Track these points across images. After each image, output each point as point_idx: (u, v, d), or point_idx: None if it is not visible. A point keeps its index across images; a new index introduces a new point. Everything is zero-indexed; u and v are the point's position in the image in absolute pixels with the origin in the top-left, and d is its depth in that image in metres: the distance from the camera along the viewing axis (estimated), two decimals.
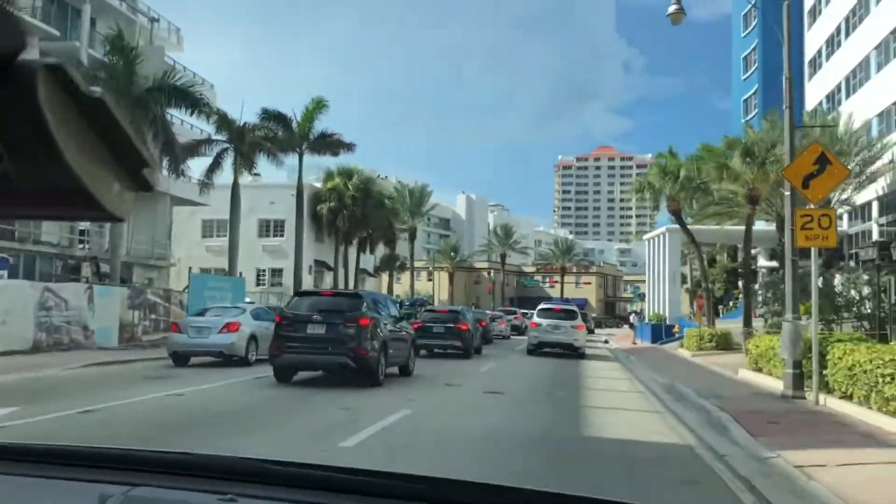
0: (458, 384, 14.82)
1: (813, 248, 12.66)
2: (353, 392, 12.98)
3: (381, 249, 71.71)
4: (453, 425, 9.35)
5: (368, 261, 62.19)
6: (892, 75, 32.60)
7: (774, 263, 48.30)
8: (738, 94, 55.23)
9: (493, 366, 20.97)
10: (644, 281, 55.10)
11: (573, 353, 26.60)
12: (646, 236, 46.58)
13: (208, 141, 33.67)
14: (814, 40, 43.96)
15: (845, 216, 36.58)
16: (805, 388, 12.81)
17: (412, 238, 69.31)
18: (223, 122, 32.37)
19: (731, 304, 48.02)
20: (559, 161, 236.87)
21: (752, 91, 51.41)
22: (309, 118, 38.65)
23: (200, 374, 15.39)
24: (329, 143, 39.31)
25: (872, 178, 31.03)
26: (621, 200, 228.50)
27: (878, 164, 31.38)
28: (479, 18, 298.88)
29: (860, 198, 33.55)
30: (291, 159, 39.61)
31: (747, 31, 53.72)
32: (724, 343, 26.36)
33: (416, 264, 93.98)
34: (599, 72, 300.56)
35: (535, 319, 27.45)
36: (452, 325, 24.68)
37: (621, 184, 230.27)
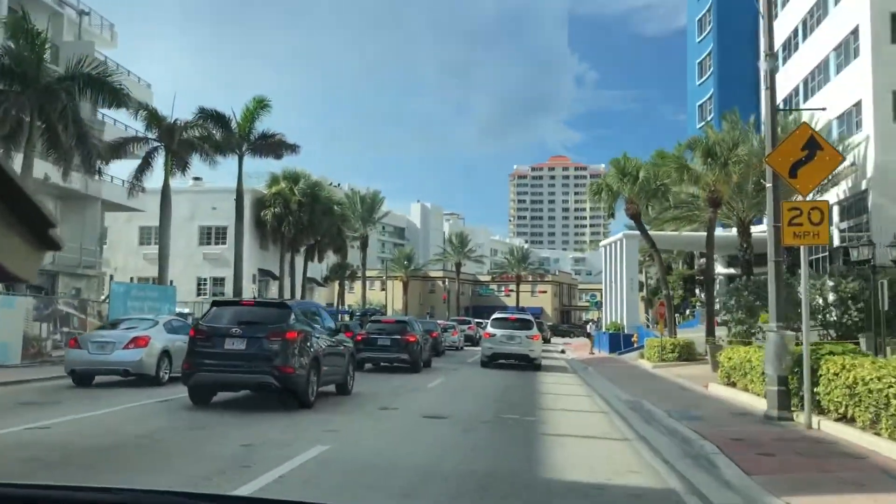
0: (396, 407, 12.86)
1: (802, 248, 11.08)
2: (269, 419, 10.95)
3: (331, 258, 69.44)
4: (375, 467, 7.38)
5: (317, 270, 59.84)
6: (852, 77, 31.83)
7: (732, 270, 47.50)
8: (693, 100, 54.61)
9: (442, 381, 19.06)
10: (600, 289, 53.99)
11: (529, 364, 24.94)
12: (602, 243, 45.30)
13: (136, 139, 31.18)
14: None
15: None
16: (792, 408, 11.21)
17: (364, 246, 67.13)
18: (152, 118, 29.95)
19: (688, 312, 47.04)
20: (514, 171, 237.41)
21: (707, 96, 50.70)
22: (249, 118, 36.34)
23: (97, 398, 13.15)
24: (271, 145, 37.04)
25: (835, 181, 30.07)
26: (576, 210, 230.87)
27: (840, 167, 30.45)
28: (433, 31, 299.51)
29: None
30: (233, 162, 37.26)
31: (702, 36, 53.14)
32: (687, 354, 24.92)
33: (370, 273, 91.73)
34: (552, 85, 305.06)
35: (489, 329, 25.71)
36: (399, 337, 22.74)
37: (576, 193, 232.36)
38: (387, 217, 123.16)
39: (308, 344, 13.09)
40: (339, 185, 74.73)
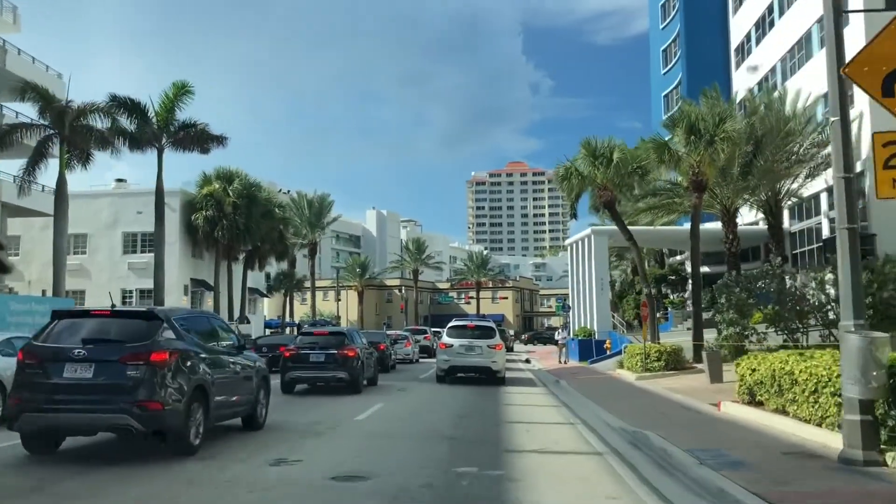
0: (300, 458, 8.83)
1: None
2: (122, 476, 6.90)
3: (278, 266, 64.89)
4: None
5: (261, 279, 55.26)
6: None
7: (707, 269, 44.46)
8: (657, 91, 51.62)
9: (381, 407, 15.08)
10: (565, 293, 50.60)
11: (492, 378, 21.19)
12: (567, 241, 41.82)
13: (23, 126, 26.65)
14: (740, 25, 40.48)
15: (785, 212, 32.65)
16: (883, 447, 7.53)
17: (313, 253, 62.80)
18: (43, 101, 25.49)
19: (659, 314, 43.78)
20: (472, 177, 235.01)
21: (673, 84, 47.73)
22: (169, 107, 32.03)
23: None
24: (194, 136, 32.72)
25: (828, 164, 26.88)
26: (535, 215, 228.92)
27: (829, 148, 27.37)
28: (390, 43, 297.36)
29: (808, 188, 29.53)
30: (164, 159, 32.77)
31: (667, 22, 50.24)
32: (675, 362, 21.34)
33: (323, 284, 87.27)
34: (508, 93, 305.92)
35: (445, 339, 21.85)
36: (335, 352, 18.71)
37: (534, 199, 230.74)
38: (341, 225, 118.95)
39: (186, 368, 9.15)
40: (287, 191, 70.15)
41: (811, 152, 26.30)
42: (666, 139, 23.30)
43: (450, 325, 22.57)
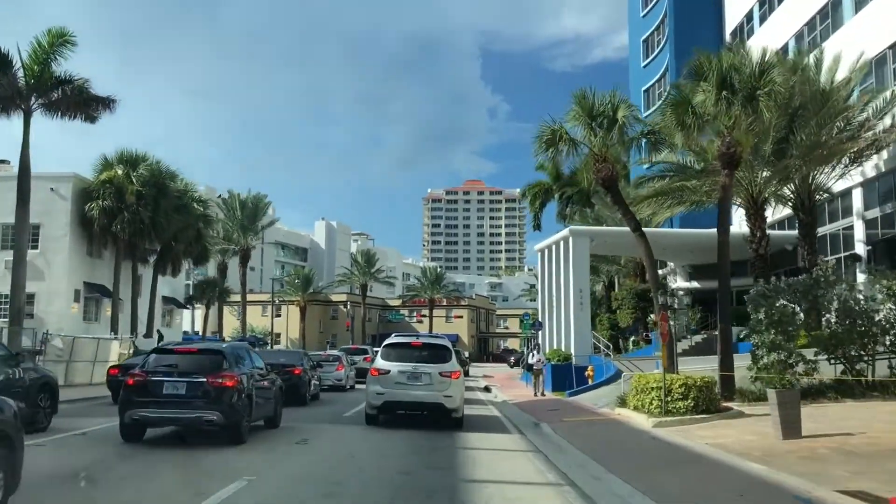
0: None
1: None
2: None
3: (203, 272, 57.41)
4: None
5: (179, 287, 47.72)
6: (883, 13, 23.35)
7: (696, 284, 38.66)
8: (636, 86, 46.09)
9: (246, 486, 8.33)
10: (523, 312, 44.29)
11: (444, 419, 14.73)
12: (538, 246, 35.58)
13: None
14: (738, 4, 35.10)
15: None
16: None
17: (245, 260, 55.44)
18: None
19: (641, 335, 37.72)
20: (428, 194, 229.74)
21: (657, 76, 42.22)
22: (41, 59, 24.97)
23: None
24: (73, 97, 25.62)
25: (878, 146, 21.00)
26: (491, 235, 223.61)
27: (877, 129, 21.64)
28: (346, 65, 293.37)
29: (839, 183, 23.76)
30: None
31: (648, 9, 44.86)
32: (707, 401, 15.00)
33: (262, 298, 79.59)
34: (465, 116, 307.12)
35: (379, 364, 15.22)
36: (204, 380, 11.91)
37: (491, 218, 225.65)
38: (287, 236, 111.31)
39: None
40: (221, 196, 62.58)
41: (865, 127, 20.51)
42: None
43: (387, 342, 15.91)
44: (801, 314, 16.78)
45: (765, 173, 20.92)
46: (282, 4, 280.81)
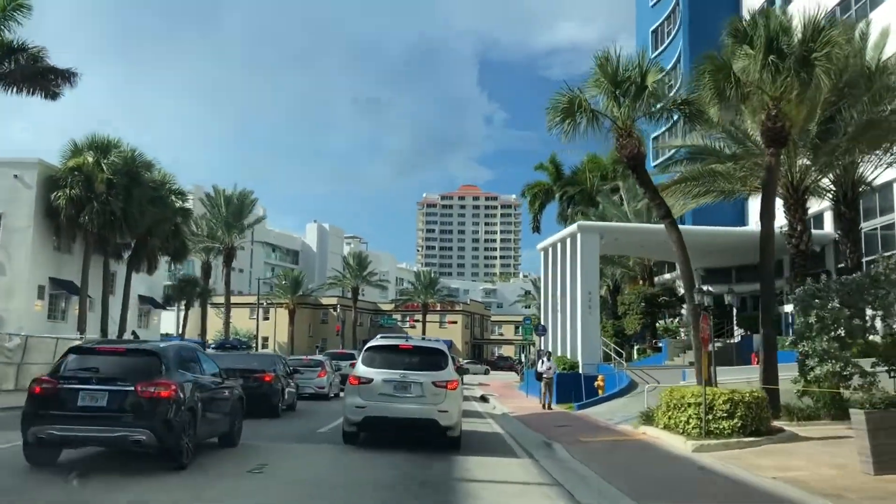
0: None
1: None
2: None
3: (184, 270, 54.74)
4: None
5: (156, 285, 44.95)
6: None
7: (710, 288, 35.93)
8: None
9: None
10: (518, 319, 41.52)
11: (438, 439, 12.10)
12: (540, 244, 32.94)
13: None
14: None
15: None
16: None
17: (229, 259, 52.73)
18: None
19: (648, 342, 35.09)
20: (423, 198, 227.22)
21: (668, 65, 39.65)
22: None
23: None
24: (29, 68, 22.97)
25: None
26: (486, 240, 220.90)
27: None
28: (345, 71, 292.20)
29: (881, 175, 21.23)
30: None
31: None
32: (757, 420, 12.38)
33: (249, 300, 76.79)
34: (462, 124, 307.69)
35: (361, 370, 12.58)
36: (132, 390, 9.27)
37: (486, 224, 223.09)
38: (278, 238, 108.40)
39: None
40: (206, 192, 59.61)
41: None
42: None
43: (370, 344, 13.25)
44: (858, 319, 14.20)
45: (804, 161, 18.38)
46: (283, 11, 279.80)
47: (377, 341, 13.41)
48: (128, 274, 37.00)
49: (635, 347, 36.26)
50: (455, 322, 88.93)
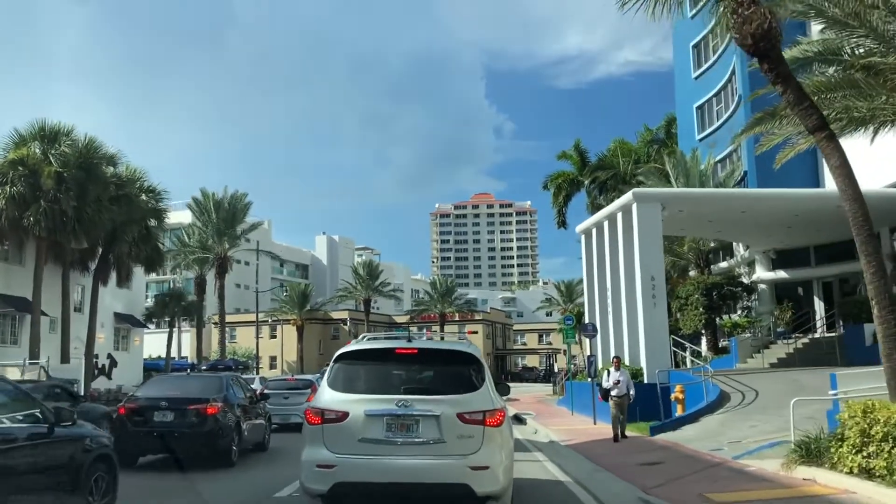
0: None
1: None
2: None
3: (168, 283, 49.62)
4: None
5: (137, 302, 39.61)
6: None
7: (782, 274, 30.17)
8: (686, 103, 37.72)
9: None
10: (569, 311, 35.53)
11: None
12: (580, 226, 27.30)
13: None
14: None
15: None
16: None
17: (222, 270, 47.29)
18: None
19: (709, 342, 29.18)
20: (436, 209, 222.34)
21: (718, 85, 33.44)
22: None
23: None
24: None
25: None
26: (503, 249, 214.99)
27: None
28: (351, 84, 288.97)
29: None
30: None
31: (700, 6, 36.43)
32: None
33: (252, 317, 71.47)
34: (471, 136, 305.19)
35: (326, 399, 6.90)
36: None
37: (501, 232, 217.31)
38: (286, 252, 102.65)
39: None
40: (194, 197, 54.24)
41: None
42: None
43: (343, 350, 7.60)
44: None
45: None
46: (286, 27, 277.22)
47: (357, 344, 7.81)
48: (94, 286, 31.71)
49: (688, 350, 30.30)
50: (475, 332, 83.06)
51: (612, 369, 14.77)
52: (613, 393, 14.25)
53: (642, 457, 12.27)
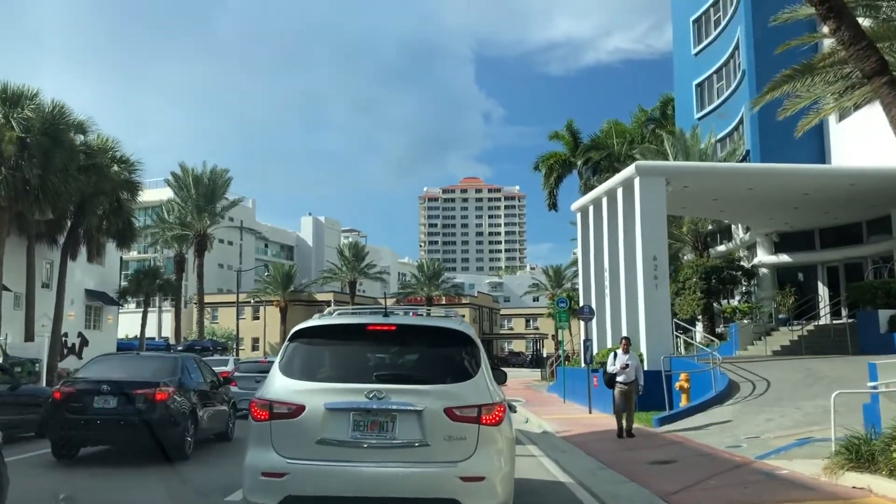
0: None
1: None
2: None
3: (164, 259, 47.91)
4: None
5: (110, 280, 37.90)
6: None
7: (787, 258, 28.95)
8: (685, 80, 36.10)
9: None
10: (563, 294, 33.93)
11: None
12: (576, 203, 25.89)
13: None
14: None
15: None
16: None
17: (201, 248, 45.63)
18: None
19: (706, 327, 27.85)
20: (425, 192, 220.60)
21: (720, 60, 31.91)
22: None
23: None
24: None
25: None
26: (490, 234, 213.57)
27: None
28: (340, 69, 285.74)
29: None
30: None
31: None
32: None
33: (233, 298, 69.81)
34: (460, 121, 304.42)
35: (277, 387, 5.39)
36: None
37: (489, 216, 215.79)
38: (271, 233, 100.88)
39: None
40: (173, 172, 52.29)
41: None
42: None
43: (301, 326, 6.18)
44: None
45: None
46: (276, 10, 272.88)
47: (320, 319, 6.35)
48: (62, 261, 29.98)
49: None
50: (463, 316, 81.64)
51: (619, 351, 13.31)
52: (620, 379, 12.77)
53: (651, 453, 10.92)
